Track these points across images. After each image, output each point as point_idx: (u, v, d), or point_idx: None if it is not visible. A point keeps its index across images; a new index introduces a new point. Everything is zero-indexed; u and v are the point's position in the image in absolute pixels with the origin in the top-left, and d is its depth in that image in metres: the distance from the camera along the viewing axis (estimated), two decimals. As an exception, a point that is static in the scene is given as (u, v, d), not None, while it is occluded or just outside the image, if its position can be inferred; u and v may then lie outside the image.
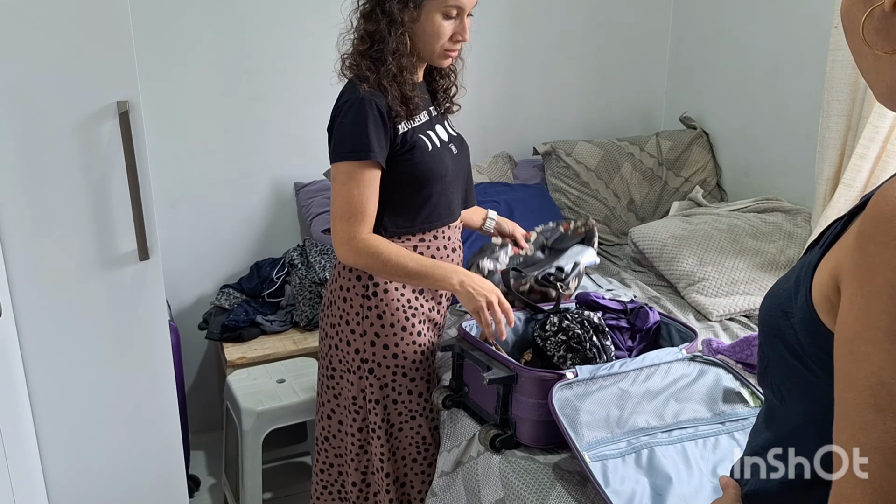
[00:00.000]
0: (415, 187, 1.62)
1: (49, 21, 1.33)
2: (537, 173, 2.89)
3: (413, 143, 1.60)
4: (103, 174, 1.44)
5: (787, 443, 0.77)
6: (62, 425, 1.55)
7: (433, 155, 1.63)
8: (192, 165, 2.52)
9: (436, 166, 1.62)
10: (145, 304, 1.56)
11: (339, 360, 1.72)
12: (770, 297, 0.78)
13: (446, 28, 1.55)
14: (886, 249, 0.56)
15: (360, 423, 1.74)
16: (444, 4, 1.52)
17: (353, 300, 1.66)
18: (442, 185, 1.65)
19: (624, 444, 1.38)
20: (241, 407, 2.13)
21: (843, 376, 0.59)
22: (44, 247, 1.44)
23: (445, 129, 1.73)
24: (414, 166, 1.60)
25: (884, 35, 0.64)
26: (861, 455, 0.57)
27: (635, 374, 1.51)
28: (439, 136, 1.68)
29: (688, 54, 3.06)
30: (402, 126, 1.58)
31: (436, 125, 1.70)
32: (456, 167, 1.70)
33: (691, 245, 2.38)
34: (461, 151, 1.74)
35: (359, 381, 1.70)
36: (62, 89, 1.38)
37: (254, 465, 2.14)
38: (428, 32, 1.55)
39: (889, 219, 0.56)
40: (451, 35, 1.56)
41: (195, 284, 2.64)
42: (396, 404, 1.72)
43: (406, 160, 1.59)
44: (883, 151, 2.06)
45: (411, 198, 1.64)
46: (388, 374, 1.69)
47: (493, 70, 2.87)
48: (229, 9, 2.44)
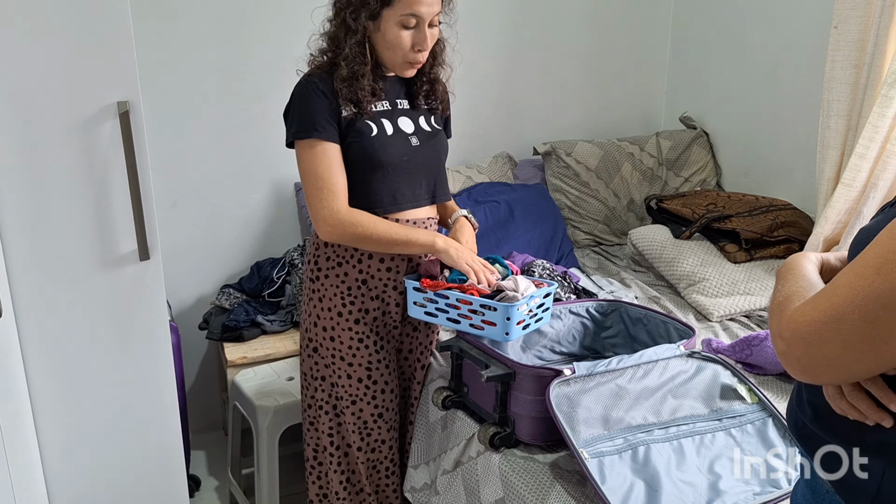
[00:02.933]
0: (357, 171, 1.64)
1: (49, 21, 1.34)
2: (537, 173, 2.90)
3: (355, 128, 1.63)
4: (103, 174, 1.45)
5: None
6: (62, 425, 1.56)
7: (374, 141, 1.64)
8: (192, 165, 2.53)
9: (375, 153, 1.64)
10: (145, 304, 1.56)
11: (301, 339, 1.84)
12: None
13: (405, 38, 1.57)
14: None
15: (309, 401, 1.85)
16: (401, 14, 1.54)
17: (306, 283, 1.78)
18: (382, 173, 1.66)
19: (621, 441, 1.38)
20: (257, 405, 2.14)
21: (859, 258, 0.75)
22: (44, 247, 1.44)
23: (416, 122, 1.73)
24: (349, 148, 1.63)
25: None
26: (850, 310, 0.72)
27: (633, 370, 1.51)
28: (398, 126, 1.69)
29: (688, 54, 3.06)
30: (345, 110, 1.61)
31: (401, 116, 1.71)
32: (410, 158, 1.69)
33: (691, 245, 2.38)
34: (425, 145, 1.73)
35: (308, 358, 1.82)
36: (62, 89, 1.38)
37: (271, 462, 2.15)
38: (388, 42, 1.58)
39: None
40: (412, 45, 1.58)
41: (195, 284, 2.64)
42: (336, 388, 1.79)
43: (346, 143, 1.63)
44: (882, 151, 2.06)
45: (355, 181, 1.66)
46: (328, 355, 1.77)
47: (493, 70, 2.88)
48: (229, 9, 2.45)
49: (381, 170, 1.65)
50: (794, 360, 0.79)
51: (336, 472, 1.85)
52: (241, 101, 2.52)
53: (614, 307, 1.90)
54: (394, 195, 1.69)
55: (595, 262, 2.67)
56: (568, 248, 2.62)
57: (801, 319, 0.77)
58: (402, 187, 1.69)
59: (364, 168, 1.65)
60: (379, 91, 1.65)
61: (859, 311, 0.71)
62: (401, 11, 1.53)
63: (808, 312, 0.77)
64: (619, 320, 1.88)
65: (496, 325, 1.58)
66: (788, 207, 2.45)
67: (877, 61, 2.05)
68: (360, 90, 1.60)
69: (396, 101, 1.71)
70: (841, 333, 0.73)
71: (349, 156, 1.65)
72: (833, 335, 0.74)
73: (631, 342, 1.84)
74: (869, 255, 0.73)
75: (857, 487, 0.82)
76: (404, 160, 1.68)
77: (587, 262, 2.66)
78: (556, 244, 2.59)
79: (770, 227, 2.33)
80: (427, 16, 1.55)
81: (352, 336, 1.74)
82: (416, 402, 1.90)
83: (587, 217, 2.84)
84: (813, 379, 0.82)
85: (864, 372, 0.76)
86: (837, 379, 0.80)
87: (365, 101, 1.61)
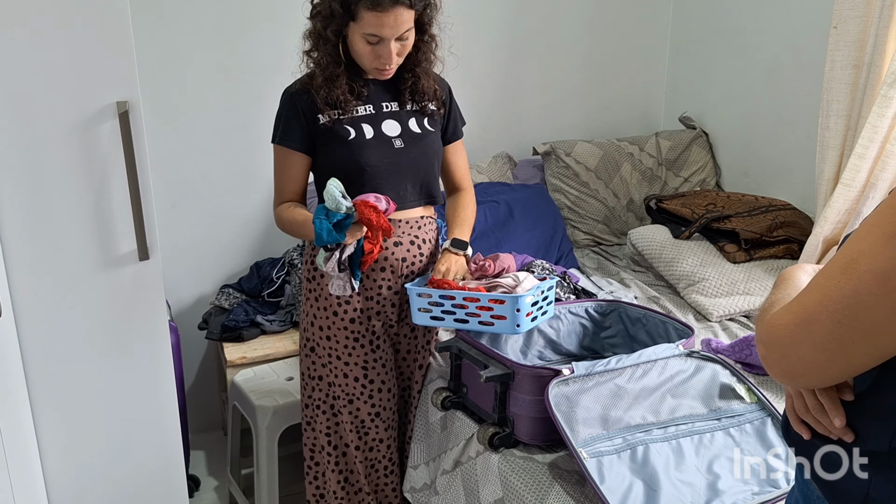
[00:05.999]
0: (340, 174, 1.65)
1: (49, 21, 1.34)
2: (537, 173, 2.90)
3: (334, 134, 1.68)
4: (103, 174, 1.45)
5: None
6: (62, 425, 1.56)
7: (351, 144, 1.68)
8: (192, 165, 2.53)
9: (353, 156, 1.68)
10: (145, 304, 1.56)
11: (300, 339, 1.87)
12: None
13: (369, 52, 1.61)
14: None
15: (307, 400, 1.86)
16: (363, 32, 1.58)
17: (304, 283, 1.82)
18: (364, 176, 1.68)
19: (620, 441, 1.38)
20: (256, 405, 2.14)
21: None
22: (44, 247, 1.44)
23: (404, 124, 1.74)
24: (329, 154, 1.71)
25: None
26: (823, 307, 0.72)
27: (632, 370, 1.51)
28: (380, 130, 1.71)
29: (688, 54, 3.06)
30: (323, 117, 1.68)
31: (387, 119, 1.73)
32: (392, 160, 1.71)
33: (691, 245, 2.38)
34: (412, 148, 1.74)
35: (305, 358, 1.84)
36: (62, 89, 1.38)
37: (270, 462, 2.15)
38: (355, 52, 1.64)
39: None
40: (377, 57, 1.62)
41: (195, 284, 2.65)
42: (333, 387, 1.80)
43: (324, 149, 1.71)
44: (882, 151, 2.06)
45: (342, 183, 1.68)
46: (325, 355, 1.78)
47: (492, 70, 2.88)
48: (229, 9, 2.45)
49: (361, 173, 1.68)
50: (774, 364, 0.79)
51: (333, 472, 1.85)
52: (241, 101, 2.52)
53: (613, 307, 1.90)
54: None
55: (594, 262, 2.67)
56: (567, 248, 2.62)
57: (777, 323, 0.78)
58: (385, 189, 1.69)
59: (345, 171, 1.67)
60: (359, 89, 1.69)
61: (827, 312, 0.72)
62: (363, 30, 1.58)
63: (783, 316, 0.77)
64: (619, 320, 1.88)
65: (506, 318, 1.59)
66: (788, 207, 2.45)
67: (876, 61, 2.05)
68: (337, 89, 1.65)
69: (382, 105, 1.74)
70: (812, 336, 0.73)
71: (330, 160, 1.70)
72: (805, 338, 0.74)
73: (630, 342, 1.84)
74: (837, 256, 0.74)
75: (845, 493, 0.82)
76: (385, 162, 1.70)
77: (587, 262, 2.66)
78: (555, 244, 2.59)
79: (769, 227, 2.34)
80: (390, 35, 1.58)
81: (347, 335, 1.75)
82: (414, 402, 1.90)
83: (587, 217, 2.84)
84: (792, 382, 0.82)
85: (838, 374, 0.77)
86: (814, 382, 0.80)
87: (344, 100, 1.65)
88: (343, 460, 1.86)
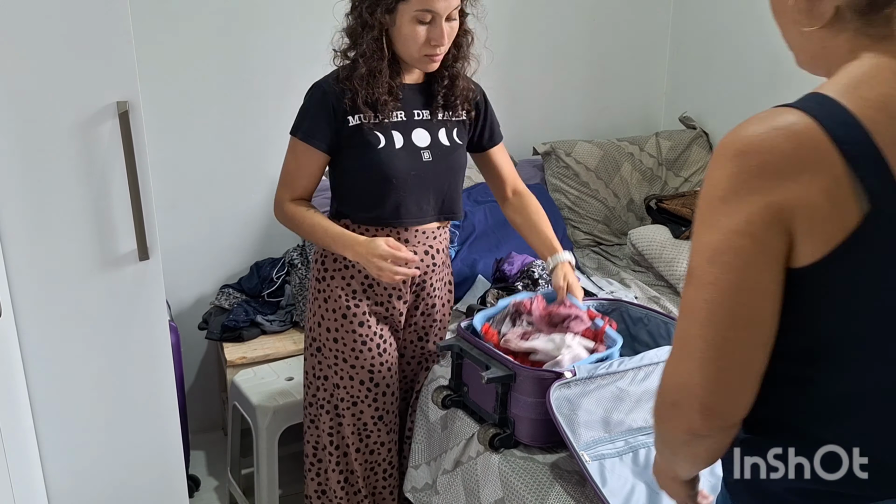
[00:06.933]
0: (362, 181, 1.64)
1: (49, 21, 1.33)
2: (537, 173, 2.89)
3: (363, 139, 1.62)
4: (103, 174, 1.44)
5: None
6: (62, 425, 1.55)
7: (380, 153, 1.63)
8: (192, 165, 2.52)
9: (380, 166, 1.63)
10: (145, 304, 1.56)
11: (305, 338, 1.86)
12: None
13: (420, 33, 1.54)
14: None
15: (311, 399, 1.85)
16: (416, 9, 1.52)
17: (312, 283, 1.79)
18: (388, 186, 1.64)
19: (621, 444, 1.38)
20: (256, 405, 2.13)
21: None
22: (44, 247, 1.44)
23: (434, 135, 1.70)
24: (356, 160, 1.64)
25: (806, 14, 0.83)
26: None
27: (633, 373, 1.51)
28: (411, 139, 1.67)
29: (688, 54, 3.06)
30: (354, 119, 1.61)
31: (417, 128, 1.68)
32: (419, 173, 1.67)
33: (691, 245, 2.38)
34: (439, 161, 1.70)
35: (311, 357, 1.83)
36: (62, 89, 1.38)
37: (270, 462, 2.15)
38: (403, 36, 1.56)
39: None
40: (428, 40, 1.56)
41: (195, 284, 2.64)
42: (338, 388, 1.78)
43: (351, 153, 1.65)
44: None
45: (361, 191, 1.67)
46: (331, 356, 1.77)
47: (492, 70, 2.86)
48: (229, 9, 2.44)
49: (386, 183, 1.64)
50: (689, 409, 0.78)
51: (335, 472, 1.85)
52: (241, 102, 2.51)
53: (615, 307, 1.90)
54: (398, 208, 1.67)
55: (595, 262, 2.67)
56: (567, 248, 2.62)
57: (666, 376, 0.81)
58: (408, 202, 1.67)
59: (369, 179, 1.64)
60: (396, 90, 1.63)
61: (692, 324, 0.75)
62: (416, 6, 1.51)
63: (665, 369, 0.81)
64: (620, 320, 1.88)
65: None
66: (788, 208, 2.45)
67: (877, 62, 2.05)
68: (379, 87, 1.58)
69: (414, 112, 1.69)
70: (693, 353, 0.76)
71: (354, 166, 1.65)
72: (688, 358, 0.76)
73: (631, 342, 1.83)
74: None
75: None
76: (412, 175, 1.65)
77: (587, 262, 2.66)
78: (555, 244, 2.58)
79: (770, 227, 2.33)
80: (443, 11, 1.53)
81: (355, 339, 1.74)
82: (415, 403, 1.90)
83: (587, 217, 2.83)
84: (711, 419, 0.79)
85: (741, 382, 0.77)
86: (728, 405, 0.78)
87: (383, 101, 1.59)
88: (344, 461, 1.85)
